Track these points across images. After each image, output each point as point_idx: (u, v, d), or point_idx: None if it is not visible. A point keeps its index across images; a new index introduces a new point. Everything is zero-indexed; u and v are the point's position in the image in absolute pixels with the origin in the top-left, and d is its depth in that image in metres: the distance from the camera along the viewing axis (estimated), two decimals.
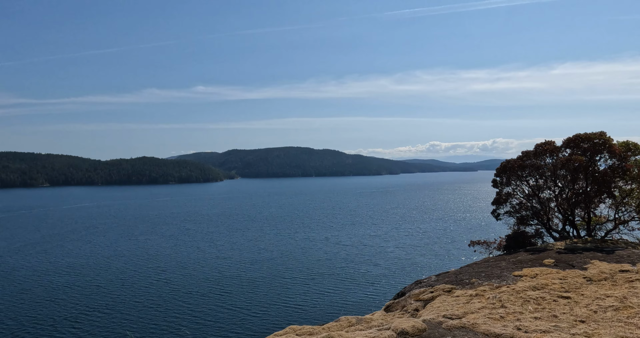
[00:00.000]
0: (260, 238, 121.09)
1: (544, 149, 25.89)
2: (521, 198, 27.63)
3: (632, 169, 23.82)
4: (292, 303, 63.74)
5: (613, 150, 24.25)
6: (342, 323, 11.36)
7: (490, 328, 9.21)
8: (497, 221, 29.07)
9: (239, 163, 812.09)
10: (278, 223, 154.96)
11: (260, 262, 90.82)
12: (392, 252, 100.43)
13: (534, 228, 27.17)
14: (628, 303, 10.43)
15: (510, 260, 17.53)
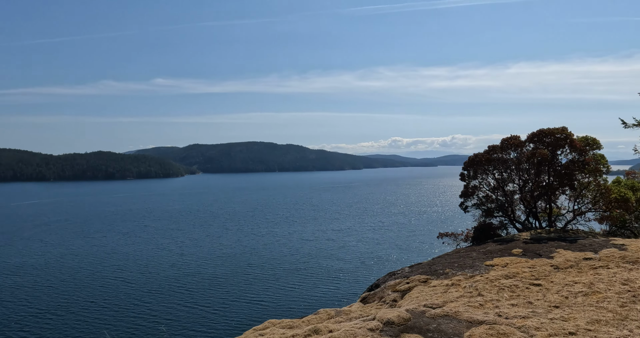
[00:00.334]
0: (222, 234, 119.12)
1: (510, 143, 26.60)
2: (487, 191, 28.26)
3: (591, 163, 24.72)
4: (256, 299, 63.00)
5: (574, 145, 25.25)
6: (322, 315, 11.31)
7: (472, 316, 9.44)
8: (465, 213, 29.75)
9: (200, 158, 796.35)
10: (241, 218, 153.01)
11: (222, 258, 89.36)
12: (355, 246, 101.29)
13: (499, 220, 27.92)
14: (595, 289, 10.77)
15: (480, 251, 17.87)
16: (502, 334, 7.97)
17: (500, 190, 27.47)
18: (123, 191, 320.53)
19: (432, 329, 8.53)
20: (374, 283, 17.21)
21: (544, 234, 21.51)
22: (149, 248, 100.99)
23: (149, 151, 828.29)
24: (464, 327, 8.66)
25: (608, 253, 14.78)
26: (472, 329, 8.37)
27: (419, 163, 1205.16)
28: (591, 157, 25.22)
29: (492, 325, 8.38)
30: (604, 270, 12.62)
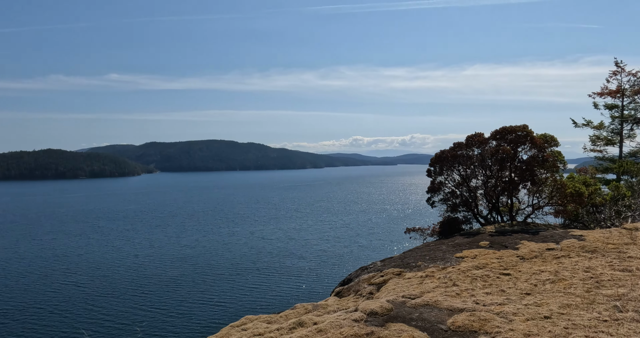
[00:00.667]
0: (181, 235, 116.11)
1: (474, 140, 27.49)
2: (452, 187, 29.06)
3: (550, 159, 25.91)
4: (216, 300, 61.78)
5: (535, 142, 26.38)
6: (299, 310, 11.22)
7: (452, 304, 9.58)
8: (432, 208, 30.61)
9: (158, 156, 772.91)
10: (201, 218, 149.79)
11: (182, 259, 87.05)
12: (317, 244, 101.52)
13: (463, 215, 28.81)
14: (561, 276, 11.20)
15: (449, 244, 18.27)
16: (483, 320, 8.16)
17: (464, 186, 28.36)
18: (75, 190, 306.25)
19: (415, 318, 8.61)
20: (346, 278, 17.28)
21: (508, 227, 22.36)
22: (102, 250, 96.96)
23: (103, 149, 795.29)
24: (446, 314, 8.80)
25: (568, 243, 15.49)
26: (454, 316, 8.52)
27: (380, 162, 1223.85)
28: (549, 153, 26.47)
29: (472, 312, 8.56)
30: (566, 259, 13.21)
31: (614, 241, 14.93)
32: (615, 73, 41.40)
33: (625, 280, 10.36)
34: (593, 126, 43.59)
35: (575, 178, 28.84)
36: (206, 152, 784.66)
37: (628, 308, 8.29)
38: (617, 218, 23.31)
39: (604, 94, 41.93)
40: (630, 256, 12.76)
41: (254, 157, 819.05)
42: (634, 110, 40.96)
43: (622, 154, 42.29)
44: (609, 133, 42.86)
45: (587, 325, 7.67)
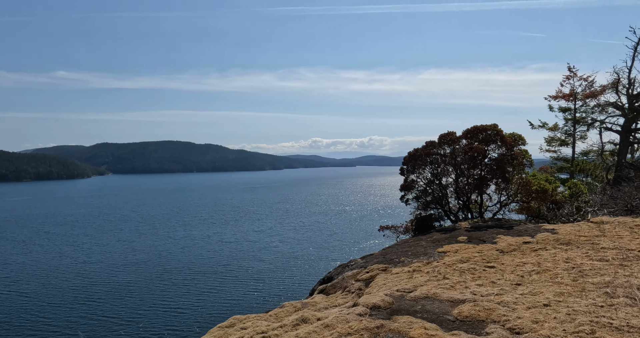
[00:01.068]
0: (135, 239, 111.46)
1: (446, 139, 28.02)
2: (424, 185, 29.42)
3: (519, 157, 26.79)
4: (173, 305, 59.49)
5: (505, 140, 27.29)
6: (288, 308, 10.90)
7: (451, 296, 9.48)
8: (407, 206, 30.88)
9: (110, 158, 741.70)
10: (155, 221, 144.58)
11: (135, 265, 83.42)
12: (277, 246, 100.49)
13: (434, 212, 29.24)
14: (545, 267, 11.37)
15: (427, 240, 18.32)
16: (487, 309, 8.09)
17: (436, 184, 28.84)
18: (18, 194, 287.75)
19: (418, 310, 8.42)
20: (326, 276, 16.95)
21: (481, 223, 22.87)
22: (49, 256, 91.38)
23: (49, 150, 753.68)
24: (448, 306, 8.66)
25: (543, 237, 15.93)
26: (458, 307, 8.41)
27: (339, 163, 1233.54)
28: (518, 152, 27.43)
29: (475, 302, 8.48)
30: (544, 252, 13.52)
31: (585, 234, 15.53)
32: (568, 78, 43.73)
33: (606, 269, 10.68)
34: (548, 128, 45.85)
35: (537, 176, 29.99)
36: (161, 153, 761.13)
37: (619, 294, 8.50)
38: (577, 213, 24.41)
39: (558, 97, 44.21)
40: (603, 247, 13.26)
41: (212, 158, 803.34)
42: (585, 112, 43.39)
43: (575, 154, 44.72)
44: (562, 134, 45.18)
45: (586, 310, 7.79)
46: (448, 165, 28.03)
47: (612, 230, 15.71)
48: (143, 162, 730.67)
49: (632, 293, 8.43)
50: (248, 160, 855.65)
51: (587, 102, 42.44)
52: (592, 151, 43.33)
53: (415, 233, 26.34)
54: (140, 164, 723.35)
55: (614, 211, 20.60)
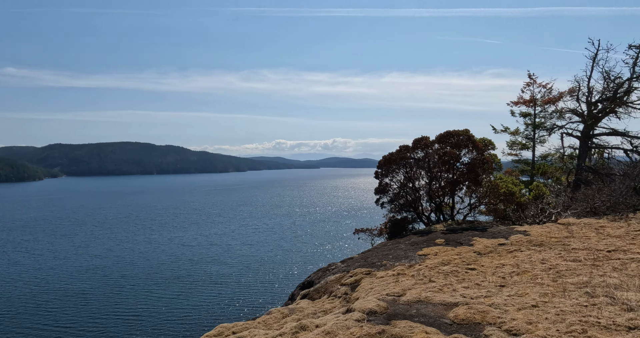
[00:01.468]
0: (91, 244, 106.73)
1: (420, 143, 28.45)
2: (398, 188, 29.69)
3: (490, 162, 27.54)
4: (131, 313, 57.29)
5: (476, 145, 28.01)
6: (276, 315, 10.56)
7: (443, 299, 9.41)
8: (382, 208, 31.04)
9: (64, 159, 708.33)
10: (113, 226, 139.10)
11: (91, 271, 79.84)
12: (240, 250, 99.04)
13: (408, 215, 29.52)
14: (523, 269, 11.59)
15: (406, 243, 18.37)
16: (481, 312, 8.15)
17: (410, 187, 29.23)
18: None
19: (414, 314, 8.36)
20: (306, 281, 16.70)
21: (456, 225, 23.29)
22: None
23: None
24: (442, 309, 8.66)
25: (517, 238, 16.38)
26: (453, 310, 8.44)
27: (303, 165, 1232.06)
28: (488, 156, 28.27)
29: (468, 305, 8.54)
30: (519, 253, 13.89)
31: (555, 236, 16.11)
32: (528, 84, 45.73)
33: (580, 269, 11.06)
34: (510, 132, 47.73)
35: (504, 178, 31.01)
36: (119, 155, 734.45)
37: (598, 294, 8.80)
38: (541, 215, 25.36)
39: (519, 103, 46.12)
40: (573, 248, 13.77)
41: (173, 160, 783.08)
42: (544, 118, 45.42)
43: (535, 157, 46.70)
44: (523, 138, 47.09)
45: (573, 310, 8.03)
46: (421, 169, 28.54)
47: (580, 231, 16.38)
48: (99, 164, 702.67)
49: (610, 292, 8.76)
50: (211, 162, 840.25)
51: (546, 108, 44.52)
52: (550, 154, 45.48)
53: (390, 236, 26.57)
54: (96, 166, 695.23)
55: (577, 212, 21.53)
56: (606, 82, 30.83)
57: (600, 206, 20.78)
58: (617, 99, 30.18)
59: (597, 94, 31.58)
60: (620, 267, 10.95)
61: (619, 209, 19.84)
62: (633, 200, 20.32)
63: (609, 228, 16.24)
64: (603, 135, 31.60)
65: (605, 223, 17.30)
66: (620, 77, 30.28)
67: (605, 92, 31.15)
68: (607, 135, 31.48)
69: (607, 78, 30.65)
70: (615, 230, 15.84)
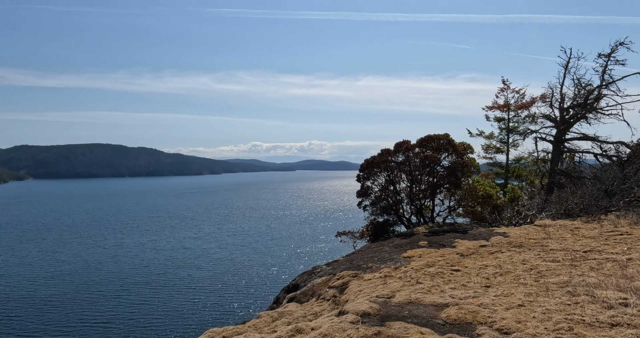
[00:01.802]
0: (59, 249, 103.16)
1: (402, 147, 28.76)
2: (379, 191, 29.90)
3: (470, 165, 28.08)
4: (102, 319, 55.62)
5: (456, 149, 28.53)
6: (265, 319, 10.46)
7: (433, 300, 9.44)
8: (364, 211, 31.12)
9: (30, 161, 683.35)
10: (83, 230, 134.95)
11: (59, 277, 77.10)
12: (215, 253, 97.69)
13: (390, 217, 29.72)
14: (506, 269, 11.82)
15: (390, 245, 18.46)
16: (472, 312, 8.29)
17: (391, 190, 29.54)
18: None
19: (407, 315, 8.43)
20: (291, 284, 16.59)
21: (437, 228, 23.61)
22: None
23: None
24: (433, 310, 8.76)
25: (497, 240, 16.77)
26: (445, 310, 8.55)
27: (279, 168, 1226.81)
28: (467, 160, 28.87)
29: (458, 306, 8.65)
30: (500, 254, 14.21)
31: (533, 237, 16.57)
32: (502, 90, 47.11)
33: (560, 269, 11.40)
34: (485, 136, 48.96)
35: (481, 181, 31.72)
36: (90, 157, 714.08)
37: (579, 293, 9.09)
38: (517, 217, 26.01)
39: (493, 107, 47.41)
40: (552, 249, 14.19)
41: (146, 162, 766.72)
42: (517, 122, 46.85)
43: (508, 160, 48.07)
44: (498, 142, 48.38)
45: (557, 309, 8.29)
46: (403, 172, 28.90)
47: (556, 233, 16.90)
48: (69, 166, 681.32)
49: (591, 291, 9.07)
50: (185, 164, 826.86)
51: (519, 113, 45.95)
52: (523, 157, 46.89)
53: (373, 238, 26.75)
54: (65, 168, 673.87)
55: (552, 214, 22.19)
56: (577, 89, 32.14)
57: (574, 209, 21.48)
58: (587, 105, 31.47)
59: (569, 101, 32.87)
60: (597, 267, 11.37)
61: (591, 211, 20.57)
62: (604, 202, 21.10)
63: (584, 230, 16.82)
64: (574, 140, 32.92)
65: (580, 225, 17.91)
66: (590, 85, 31.62)
67: (576, 99, 32.46)
68: (579, 140, 32.86)
69: (578, 85, 31.94)
70: (590, 231, 16.43)
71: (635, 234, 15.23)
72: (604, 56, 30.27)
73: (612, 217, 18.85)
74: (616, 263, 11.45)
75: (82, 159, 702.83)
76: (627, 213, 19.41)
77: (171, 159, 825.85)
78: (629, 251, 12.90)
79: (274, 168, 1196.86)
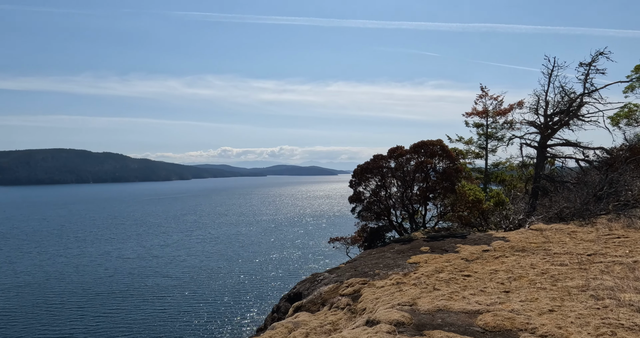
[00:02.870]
0: (16, 260, 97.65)
1: (396, 153, 28.57)
2: (371, 197, 29.51)
3: (463, 171, 28.05)
4: (63, 334, 52.53)
5: (450, 155, 28.66)
6: (281, 330, 9.89)
7: (463, 307, 9.08)
8: (358, 218, 30.67)
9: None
10: (43, 239, 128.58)
11: (17, 288, 72.69)
12: (184, 261, 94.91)
13: (382, 223, 29.24)
14: (517, 274, 11.46)
15: (391, 251, 17.87)
16: (508, 319, 7.84)
17: (383, 196, 29.24)
18: None
19: (442, 323, 7.85)
20: (292, 292, 15.71)
21: (434, 233, 23.23)
22: None
23: None
24: (466, 317, 8.21)
25: (499, 245, 16.49)
26: (479, 317, 8.06)
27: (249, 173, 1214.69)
28: (460, 165, 28.91)
29: (491, 312, 8.15)
30: (506, 259, 13.88)
31: (534, 241, 16.40)
32: (481, 97, 48.03)
33: (572, 273, 11.10)
34: (464, 141, 49.59)
35: (469, 186, 31.76)
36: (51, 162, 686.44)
37: (603, 296, 8.78)
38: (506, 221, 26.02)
39: (472, 114, 48.16)
40: (555, 252, 13.96)
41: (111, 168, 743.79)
42: (495, 129, 47.70)
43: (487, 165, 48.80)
44: (477, 147, 49.07)
45: (590, 313, 7.97)
46: (395, 178, 28.71)
47: (555, 237, 16.80)
48: (29, 172, 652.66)
49: (613, 294, 8.77)
50: (153, 170, 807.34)
51: (497, 119, 46.84)
52: (501, 163, 47.81)
53: (368, 244, 26.21)
54: (25, 174, 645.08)
55: (541, 218, 22.22)
56: (561, 96, 33.08)
57: (565, 212, 21.57)
58: (570, 112, 32.32)
59: (552, 107, 33.67)
60: (606, 270, 11.15)
61: (583, 215, 20.68)
62: (594, 206, 21.31)
63: (581, 233, 16.79)
64: (558, 145, 33.79)
65: (576, 229, 17.91)
66: (574, 92, 32.54)
67: (560, 106, 33.38)
68: (561, 145, 33.72)
69: (561, 92, 32.85)
70: (587, 235, 16.40)
71: (632, 237, 15.30)
72: (585, 65, 31.31)
73: (604, 220, 19.02)
74: (624, 266, 11.29)
75: (43, 165, 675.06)
76: (618, 216, 19.67)
77: (138, 164, 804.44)
78: (632, 253, 12.84)
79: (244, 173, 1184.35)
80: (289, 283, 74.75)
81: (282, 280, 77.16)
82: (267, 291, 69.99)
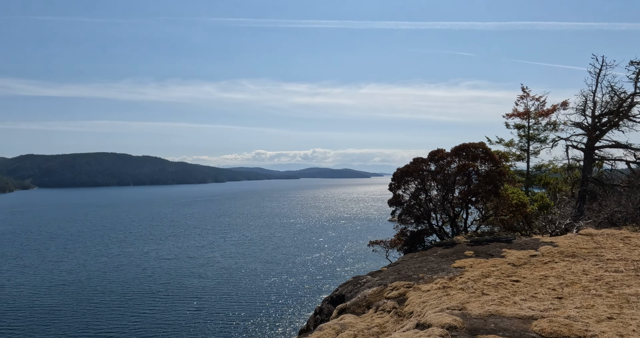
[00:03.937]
0: (62, 258, 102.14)
1: (436, 156, 28.14)
2: (412, 200, 29.23)
3: (507, 174, 27.32)
4: (105, 330, 54.37)
5: (493, 157, 28.23)
6: (328, 331, 9.97)
7: (516, 313, 8.87)
8: (397, 221, 30.40)
9: (36, 171, 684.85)
10: (86, 239, 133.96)
11: (62, 286, 75.88)
12: (219, 262, 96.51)
13: (424, 227, 28.85)
14: (569, 280, 11.05)
15: (434, 255, 17.59)
16: (564, 325, 7.55)
17: (423, 199, 28.81)
18: None
19: (495, 328, 7.64)
20: (334, 294, 15.70)
21: (477, 237, 22.62)
22: None
23: None
24: (519, 323, 7.94)
25: (547, 250, 15.87)
26: (534, 323, 7.82)
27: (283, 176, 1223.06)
28: (503, 168, 28.15)
29: (546, 319, 7.81)
30: (555, 264, 13.33)
31: (584, 246, 15.67)
32: (522, 97, 46.43)
33: (628, 280, 10.50)
34: (505, 143, 48.03)
35: (512, 190, 30.74)
36: (94, 166, 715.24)
37: None
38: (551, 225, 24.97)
39: (513, 115, 46.63)
40: (608, 259, 13.27)
41: (150, 171, 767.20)
42: (537, 130, 45.97)
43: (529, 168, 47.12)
44: (518, 149, 47.44)
45: None
46: (436, 181, 28.18)
47: (606, 242, 15.98)
48: (74, 175, 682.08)
49: None
50: (189, 173, 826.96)
51: (540, 120, 45.12)
52: (544, 165, 45.95)
53: (408, 248, 25.81)
54: (70, 177, 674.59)
55: (590, 223, 21.19)
56: (610, 96, 31.35)
57: (617, 217, 20.49)
58: (620, 112, 30.62)
59: (600, 108, 32.02)
60: None
61: (637, 220, 19.57)
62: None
63: (635, 239, 15.92)
64: (606, 147, 32.09)
65: (629, 234, 17.00)
66: (624, 92, 30.78)
67: (608, 106, 31.71)
68: (611, 147, 31.96)
69: (611, 92, 31.13)
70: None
71: None
72: (636, 63, 29.62)
73: None
74: None
75: (87, 168, 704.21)
76: None
77: (175, 167, 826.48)
78: None
79: (277, 176, 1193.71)
80: (325, 285, 74.52)
81: (318, 282, 77.09)
82: (304, 294, 70.12)
